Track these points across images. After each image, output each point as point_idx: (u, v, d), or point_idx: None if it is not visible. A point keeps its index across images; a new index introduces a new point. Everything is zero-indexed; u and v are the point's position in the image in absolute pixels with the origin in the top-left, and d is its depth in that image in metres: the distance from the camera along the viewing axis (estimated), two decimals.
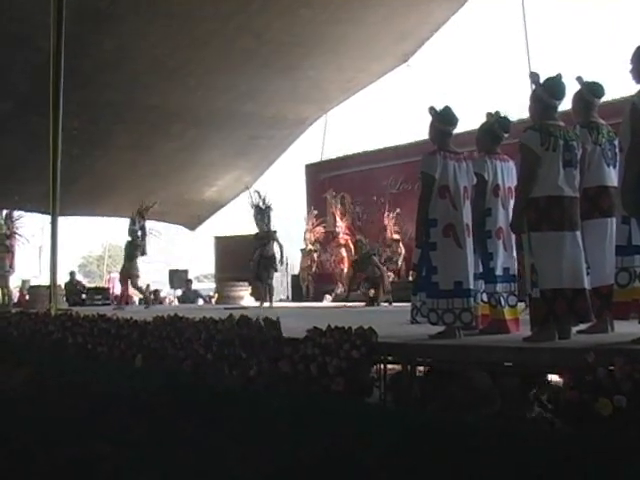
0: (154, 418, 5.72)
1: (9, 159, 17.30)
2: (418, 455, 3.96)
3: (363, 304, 12.80)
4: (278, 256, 13.58)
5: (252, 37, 14.70)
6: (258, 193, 13.90)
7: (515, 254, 5.56)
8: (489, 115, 5.77)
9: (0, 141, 16.72)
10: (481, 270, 5.59)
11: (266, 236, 13.33)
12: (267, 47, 15.13)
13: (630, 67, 4.52)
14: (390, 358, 5.01)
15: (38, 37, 12.21)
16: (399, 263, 15.53)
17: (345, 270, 16.50)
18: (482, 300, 5.63)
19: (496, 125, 5.72)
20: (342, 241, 16.64)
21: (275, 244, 13.47)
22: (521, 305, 5.52)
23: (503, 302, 5.48)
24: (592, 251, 4.97)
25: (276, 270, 13.65)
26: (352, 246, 16.07)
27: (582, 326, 4.97)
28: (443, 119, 5.67)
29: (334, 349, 4.89)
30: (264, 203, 13.72)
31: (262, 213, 13.55)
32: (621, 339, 4.38)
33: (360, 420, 4.44)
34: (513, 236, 5.40)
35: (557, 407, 3.57)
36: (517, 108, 5.76)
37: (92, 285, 23.60)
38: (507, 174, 5.60)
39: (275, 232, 13.54)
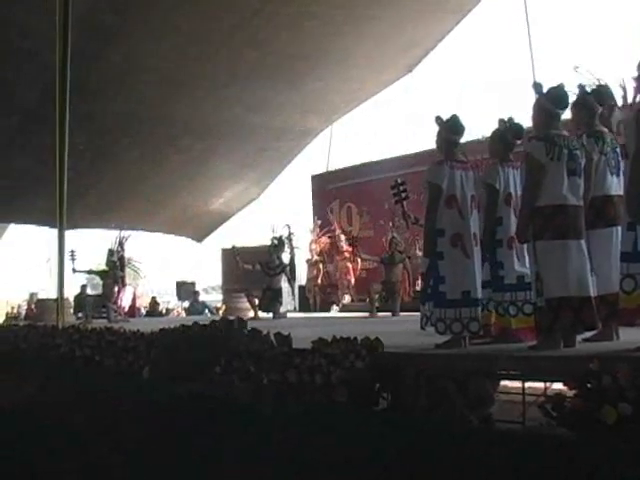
0: (162, 429, 5.73)
1: (17, 173, 17.35)
2: (423, 461, 3.96)
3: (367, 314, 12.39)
4: (286, 286, 13.62)
5: (257, 50, 14.72)
6: (289, 227, 13.80)
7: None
8: (501, 122, 5.73)
9: (8, 155, 16.78)
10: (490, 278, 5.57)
11: (277, 267, 13.32)
12: (273, 59, 15.16)
13: (636, 74, 4.53)
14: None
15: (45, 51, 12.25)
16: None
17: (352, 281, 16.41)
18: (494, 309, 5.59)
19: (508, 132, 5.68)
20: (347, 254, 16.54)
21: (284, 277, 13.50)
22: None
23: (512, 311, 5.44)
24: (597, 259, 4.97)
25: (281, 304, 13.54)
26: (359, 258, 15.99)
27: (587, 334, 4.97)
28: (450, 128, 5.65)
29: (339, 359, 4.90)
30: (289, 239, 13.62)
31: (280, 246, 13.46)
32: (626, 346, 4.37)
33: (367, 428, 4.45)
34: None
35: (561, 415, 3.56)
36: (522, 116, 5.71)
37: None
38: (520, 182, 5.51)
39: (286, 265, 13.52)
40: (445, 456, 3.94)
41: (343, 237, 16.71)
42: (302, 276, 18.10)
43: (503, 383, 5.23)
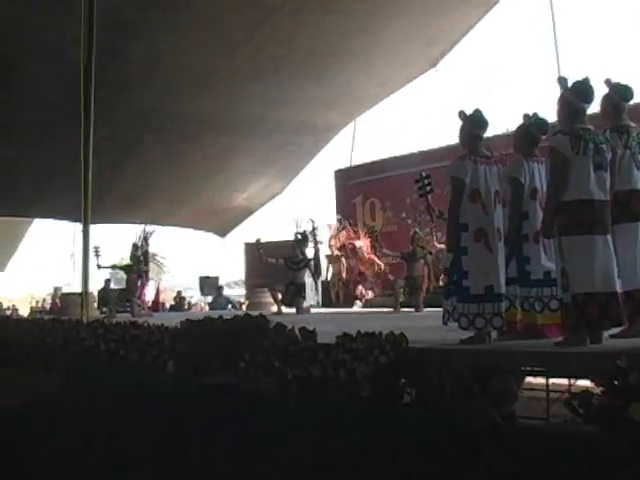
0: (186, 423, 5.75)
1: (43, 169, 17.47)
2: (446, 456, 3.95)
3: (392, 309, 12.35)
4: (309, 282, 13.60)
5: (281, 45, 14.73)
6: (313, 222, 13.74)
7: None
8: (526, 117, 5.67)
9: (34, 151, 16.91)
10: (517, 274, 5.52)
11: (301, 261, 13.26)
12: (296, 55, 15.17)
13: None
14: None
15: (69, 48, 12.33)
16: None
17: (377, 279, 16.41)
18: (520, 305, 5.55)
19: (533, 127, 5.62)
20: (367, 264, 16.52)
21: (308, 272, 13.47)
22: None
23: (537, 306, 5.38)
24: (623, 255, 4.92)
25: (304, 299, 13.46)
26: (381, 262, 15.97)
27: (613, 330, 4.92)
28: (473, 123, 5.63)
29: (364, 355, 4.90)
30: (313, 234, 13.53)
31: (304, 241, 13.38)
32: None
33: (391, 424, 4.44)
34: None
35: (588, 412, 3.53)
36: (547, 110, 5.65)
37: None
38: (545, 176, 5.41)
39: (310, 260, 13.41)
40: (468, 452, 3.93)
41: (364, 247, 16.59)
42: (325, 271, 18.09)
43: (527, 380, 5.21)
